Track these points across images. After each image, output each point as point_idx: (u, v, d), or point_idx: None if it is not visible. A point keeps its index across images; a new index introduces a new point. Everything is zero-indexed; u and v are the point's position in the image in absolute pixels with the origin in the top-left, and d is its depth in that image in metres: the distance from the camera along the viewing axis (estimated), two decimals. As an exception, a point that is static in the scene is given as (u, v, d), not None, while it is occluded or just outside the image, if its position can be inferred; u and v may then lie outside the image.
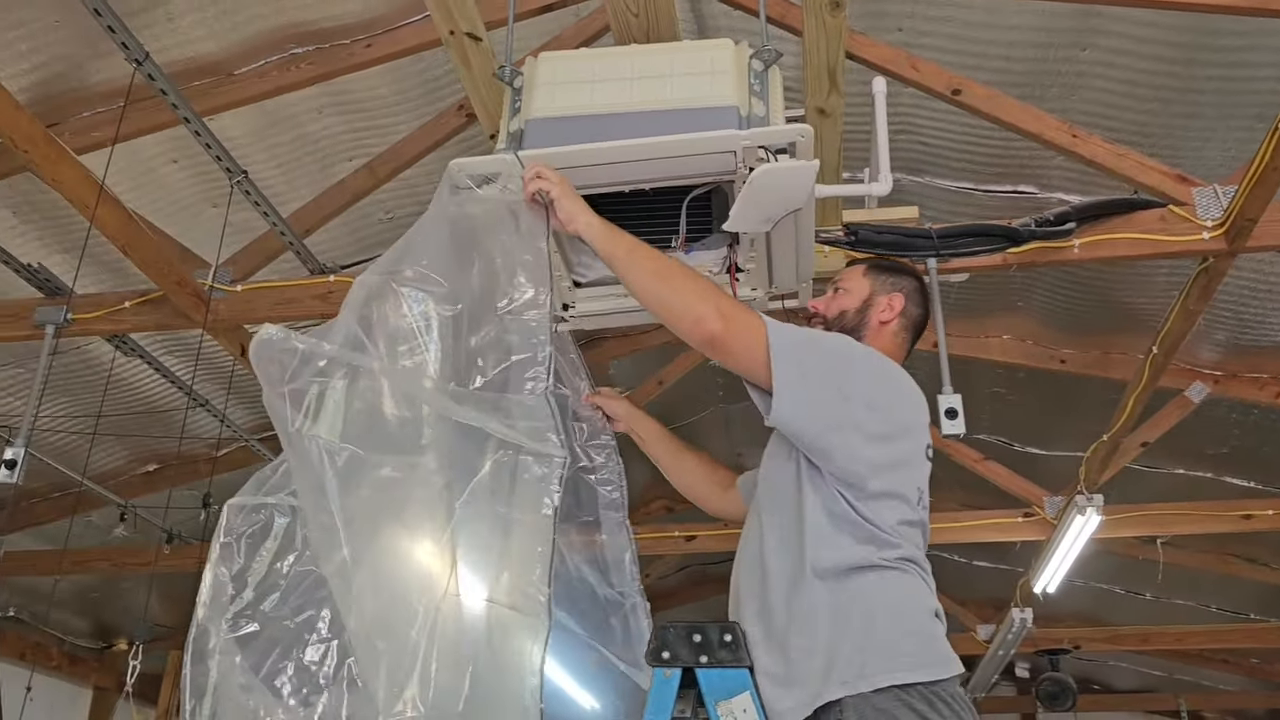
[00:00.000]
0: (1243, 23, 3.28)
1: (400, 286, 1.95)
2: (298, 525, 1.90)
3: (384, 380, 1.90)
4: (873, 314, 2.18)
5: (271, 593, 1.84)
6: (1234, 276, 4.18)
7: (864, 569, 1.86)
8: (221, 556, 1.88)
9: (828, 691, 1.77)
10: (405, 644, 1.70)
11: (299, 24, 3.53)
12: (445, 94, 3.91)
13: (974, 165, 4.18)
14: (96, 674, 7.85)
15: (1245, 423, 5.30)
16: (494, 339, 1.92)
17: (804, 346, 1.94)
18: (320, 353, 1.90)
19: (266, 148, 4.02)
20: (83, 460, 5.01)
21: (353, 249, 4.57)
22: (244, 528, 1.91)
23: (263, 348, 1.91)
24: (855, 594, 1.84)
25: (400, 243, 2.01)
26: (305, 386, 1.88)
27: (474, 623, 1.76)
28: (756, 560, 1.97)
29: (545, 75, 2.16)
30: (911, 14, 3.59)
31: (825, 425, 1.91)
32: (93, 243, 3.71)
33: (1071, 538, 5.40)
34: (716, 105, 2.01)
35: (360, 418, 1.87)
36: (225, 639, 1.81)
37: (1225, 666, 8.87)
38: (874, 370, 2.02)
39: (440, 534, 1.82)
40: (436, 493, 1.84)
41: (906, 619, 1.86)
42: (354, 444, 1.84)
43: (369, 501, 1.83)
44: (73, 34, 3.32)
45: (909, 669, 1.77)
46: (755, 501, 2.09)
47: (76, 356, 4.71)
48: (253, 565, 1.88)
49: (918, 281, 2.27)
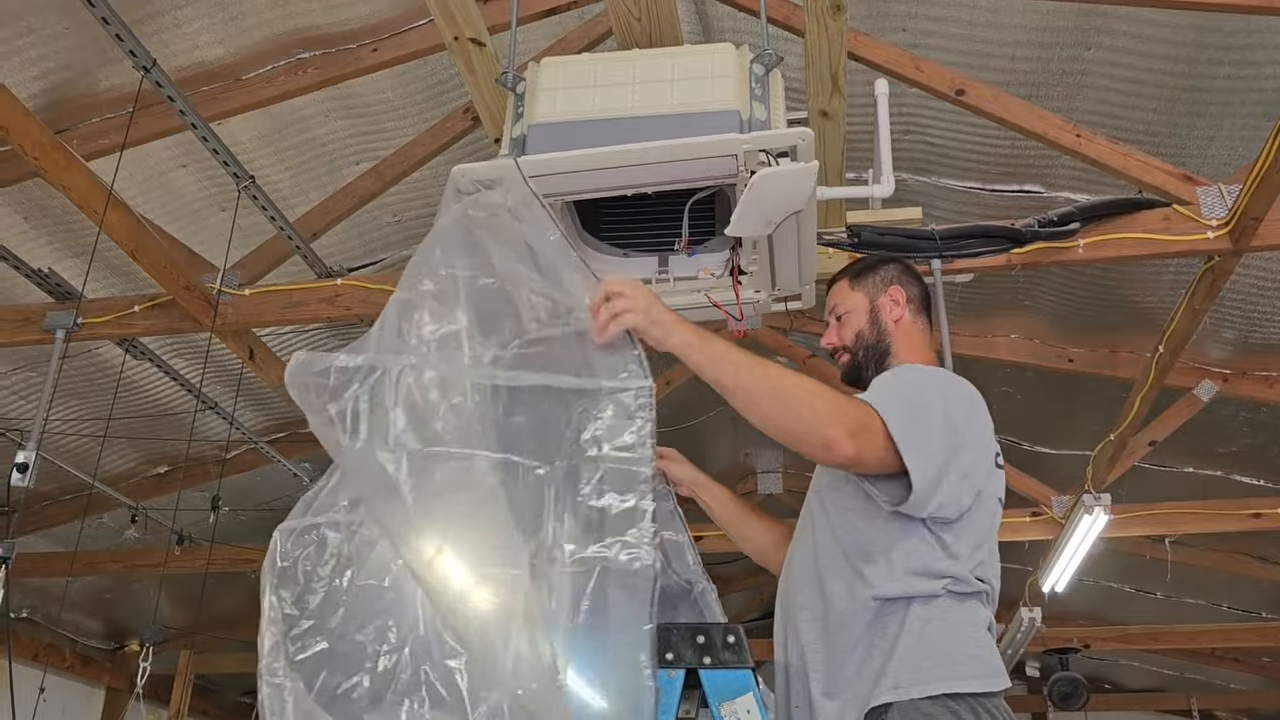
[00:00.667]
0: (1249, 21, 3.28)
1: (427, 286, 1.93)
2: (352, 540, 1.85)
3: (429, 371, 1.87)
4: (885, 318, 2.15)
5: (335, 610, 1.79)
6: (1243, 274, 4.17)
7: (937, 597, 1.83)
8: (279, 582, 1.83)
9: (878, 696, 1.76)
10: (505, 616, 1.68)
11: (306, 29, 3.55)
12: (452, 97, 3.92)
13: (981, 165, 4.18)
14: (109, 674, 7.90)
15: (1255, 421, 5.28)
16: (537, 300, 1.89)
17: (919, 420, 1.87)
18: (354, 365, 1.88)
19: (274, 152, 4.05)
20: (94, 463, 5.05)
21: (360, 252, 4.60)
22: (297, 550, 1.85)
23: (296, 374, 1.88)
24: (922, 620, 1.82)
25: (415, 257, 1.99)
26: (348, 402, 1.85)
27: (577, 583, 1.73)
28: (812, 572, 1.94)
29: (548, 81, 2.17)
30: (915, 14, 3.59)
31: (941, 483, 1.86)
32: (102, 247, 3.74)
33: (1079, 537, 5.40)
34: (718, 109, 2.02)
35: (414, 414, 1.84)
36: (295, 660, 1.76)
37: (1237, 666, 8.84)
38: (962, 404, 1.96)
39: (527, 507, 1.79)
40: (516, 467, 1.81)
41: (967, 640, 1.83)
42: (414, 442, 1.81)
43: (446, 492, 1.79)
44: (81, 41, 3.35)
45: (963, 679, 1.77)
46: (812, 506, 2.03)
47: (87, 360, 4.74)
48: (313, 586, 1.83)
49: (897, 263, 2.23)
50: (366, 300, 3.83)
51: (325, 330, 5.02)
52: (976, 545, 1.90)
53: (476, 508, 1.80)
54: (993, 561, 1.95)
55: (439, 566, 1.79)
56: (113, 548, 6.42)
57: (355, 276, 4.01)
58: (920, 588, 1.84)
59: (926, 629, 1.81)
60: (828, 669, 1.87)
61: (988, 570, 1.92)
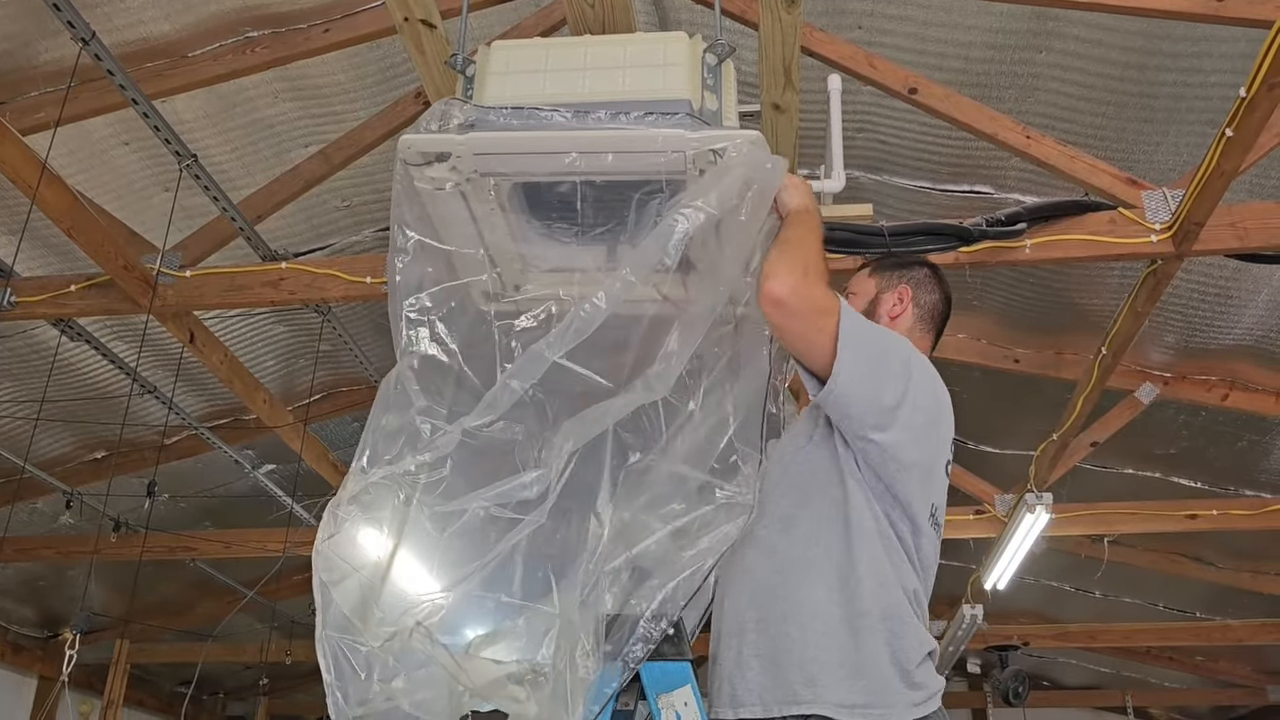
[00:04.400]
0: (1196, 29, 3.32)
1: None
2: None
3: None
4: (880, 310, 2.15)
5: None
6: (1184, 279, 4.25)
7: (897, 608, 1.82)
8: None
9: (806, 704, 1.73)
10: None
11: (255, 7, 3.48)
12: (403, 81, 3.87)
13: (932, 164, 4.21)
14: (41, 663, 7.72)
15: (1193, 424, 5.38)
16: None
17: (874, 333, 1.90)
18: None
19: (220, 132, 3.96)
20: (26, 446, 4.92)
21: (309, 236, 4.53)
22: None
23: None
24: (876, 631, 1.79)
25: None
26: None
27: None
28: (765, 542, 1.90)
29: (498, 64, 2.14)
30: (871, 12, 3.60)
31: (880, 412, 1.84)
32: (41, 225, 3.64)
33: (1021, 535, 5.47)
34: (669, 98, 2.00)
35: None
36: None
37: (1171, 664, 9.02)
38: (925, 394, 1.95)
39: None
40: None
41: (913, 664, 1.79)
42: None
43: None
44: (20, 11, 3.25)
45: (903, 709, 1.75)
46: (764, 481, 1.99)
47: (21, 340, 4.62)
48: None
49: (929, 269, 2.22)
50: (311, 285, 3.77)
51: (270, 315, 4.93)
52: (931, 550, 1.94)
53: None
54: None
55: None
56: (47, 534, 6.27)
57: (301, 261, 3.94)
58: (885, 600, 1.85)
59: (875, 641, 1.81)
60: (759, 631, 1.89)
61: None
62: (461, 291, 2.07)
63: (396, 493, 1.89)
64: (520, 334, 2.03)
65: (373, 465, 1.89)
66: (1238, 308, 4.41)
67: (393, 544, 1.87)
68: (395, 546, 1.87)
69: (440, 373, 1.98)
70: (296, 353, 5.29)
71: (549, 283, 2.36)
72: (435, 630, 1.79)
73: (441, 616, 1.80)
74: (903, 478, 1.86)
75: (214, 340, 4.43)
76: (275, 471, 6.06)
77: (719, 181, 1.89)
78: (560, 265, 2.27)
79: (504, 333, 2.04)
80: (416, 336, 2.00)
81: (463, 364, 1.99)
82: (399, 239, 2.04)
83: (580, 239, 2.13)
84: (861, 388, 1.83)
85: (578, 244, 2.17)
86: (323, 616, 1.78)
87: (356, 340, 5.08)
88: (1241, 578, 6.78)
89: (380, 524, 1.88)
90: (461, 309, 2.07)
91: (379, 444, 1.91)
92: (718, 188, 1.88)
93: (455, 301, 2.06)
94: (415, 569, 1.90)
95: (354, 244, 4.62)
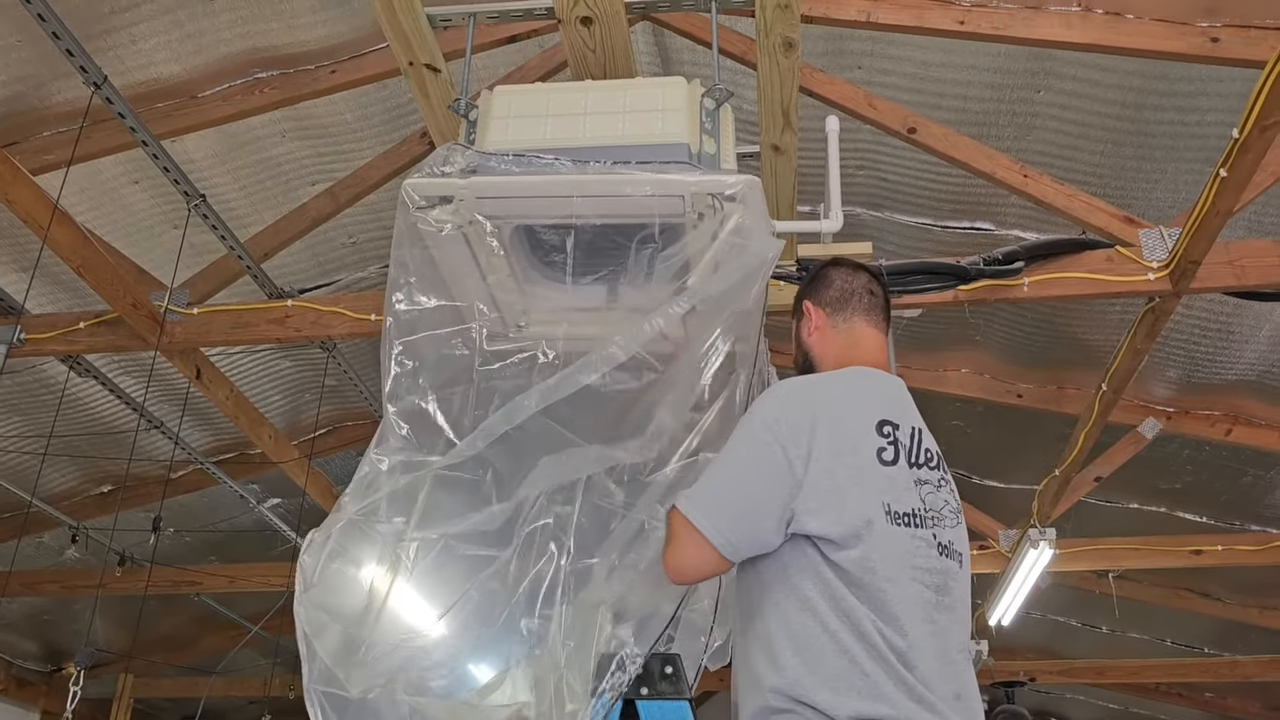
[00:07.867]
0: (1192, 69, 3.36)
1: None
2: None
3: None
4: (804, 338, 2.10)
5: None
6: (1185, 315, 4.26)
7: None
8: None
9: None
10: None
11: (263, 48, 3.54)
12: (409, 121, 3.92)
13: (933, 201, 4.24)
14: (45, 697, 7.71)
15: (1197, 459, 5.38)
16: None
17: (713, 484, 1.88)
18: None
19: (229, 171, 4.02)
20: (33, 480, 4.95)
21: (315, 272, 4.57)
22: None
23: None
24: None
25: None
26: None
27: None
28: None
29: (500, 109, 2.18)
30: (871, 52, 3.65)
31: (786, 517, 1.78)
32: (51, 262, 3.68)
33: (1025, 571, 5.45)
34: (667, 142, 2.04)
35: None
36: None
37: (1180, 700, 8.93)
38: (772, 408, 1.89)
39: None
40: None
41: None
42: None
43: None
44: (34, 55, 3.31)
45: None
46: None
47: (30, 376, 4.65)
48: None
49: (822, 268, 2.15)
50: (317, 322, 3.80)
51: (276, 351, 4.97)
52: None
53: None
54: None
55: None
56: (52, 568, 6.28)
57: (306, 298, 3.98)
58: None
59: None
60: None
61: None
62: (451, 336, 2.10)
63: (370, 535, 1.92)
64: (502, 379, 2.06)
65: (353, 503, 1.94)
66: (1240, 343, 4.42)
67: (367, 587, 1.90)
68: (370, 588, 1.90)
69: (421, 417, 2.02)
70: (302, 388, 5.32)
71: (549, 322, 2.39)
72: (416, 681, 1.80)
73: (421, 664, 1.82)
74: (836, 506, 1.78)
75: (220, 376, 4.46)
76: (280, 506, 6.07)
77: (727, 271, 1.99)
78: (561, 305, 2.31)
79: (484, 378, 2.07)
80: (403, 377, 2.04)
81: (439, 407, 2.03)
82: (399, 279, 2.08)
83: (580, 280, 2.16)
84: (747, 521, 1.80)
85: (578, 285, 2.20)
86: (308, 668, 1.80)
87: (361, 376, 5.12)
88: (1249, 613, 6.74)
89: (357, 564, 1.90)
90: (448, 355, 2.10)
91: (356, 486, 1.97)
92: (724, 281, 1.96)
93: (442, 347, 2.10)
94: (393, 612, 1.91)
95: (359, 280, 4.67)
